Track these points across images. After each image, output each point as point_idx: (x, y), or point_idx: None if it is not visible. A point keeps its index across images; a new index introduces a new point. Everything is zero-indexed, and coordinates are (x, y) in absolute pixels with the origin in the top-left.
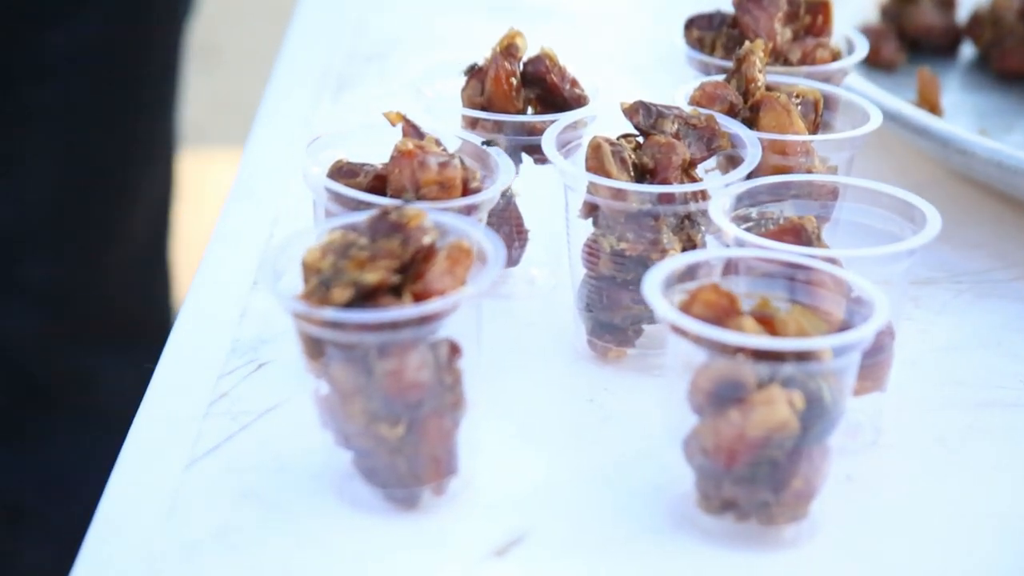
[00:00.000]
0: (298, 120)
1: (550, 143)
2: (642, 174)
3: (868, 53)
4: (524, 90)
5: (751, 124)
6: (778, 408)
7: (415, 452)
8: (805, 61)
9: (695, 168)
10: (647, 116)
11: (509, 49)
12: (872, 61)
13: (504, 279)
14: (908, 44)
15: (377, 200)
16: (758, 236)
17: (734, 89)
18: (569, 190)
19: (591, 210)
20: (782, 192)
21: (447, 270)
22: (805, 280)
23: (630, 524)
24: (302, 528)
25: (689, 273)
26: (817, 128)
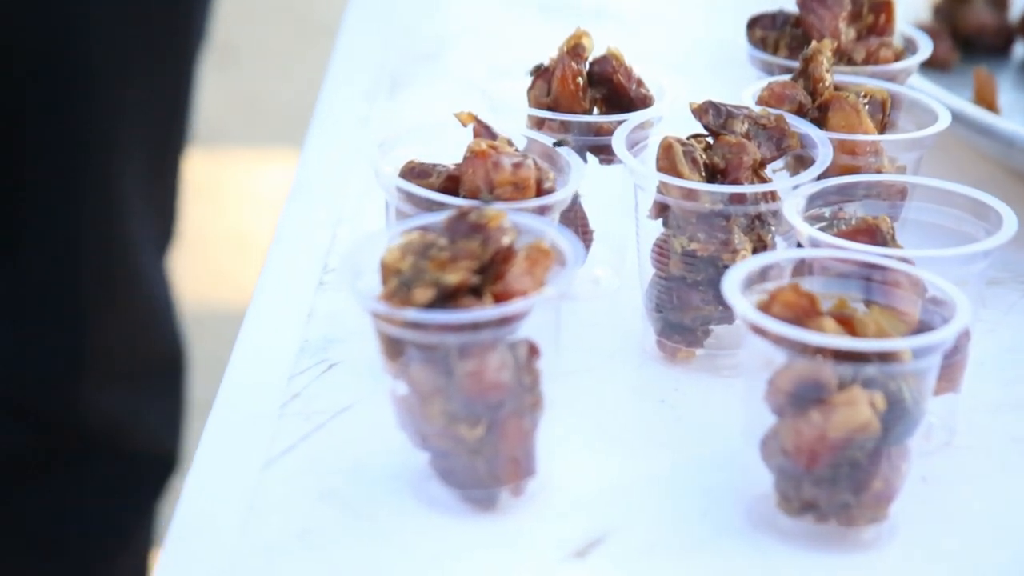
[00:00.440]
0: (354, 120)
1: (620, 143)
2: (713, 174)
3: None
4: (590, 90)
5: (819, 124)
6: (860, 409)
7: (494, 453)
8: (869, 61)
9: (764, 168)
10: (716, 116)
11: (576, 49)
12: (925, 61)
13: None
14: (961, 43)
15: (451, 200)
16: (832, 236)
17: (802, 89)
18: (639, 190)
19: (661, 210)
20: (852, 192)
21: (526, 271)
22: (881, 280)
23: (709, 525)
24: (382, 529)
25: (765, 274)
26: (885, 128)
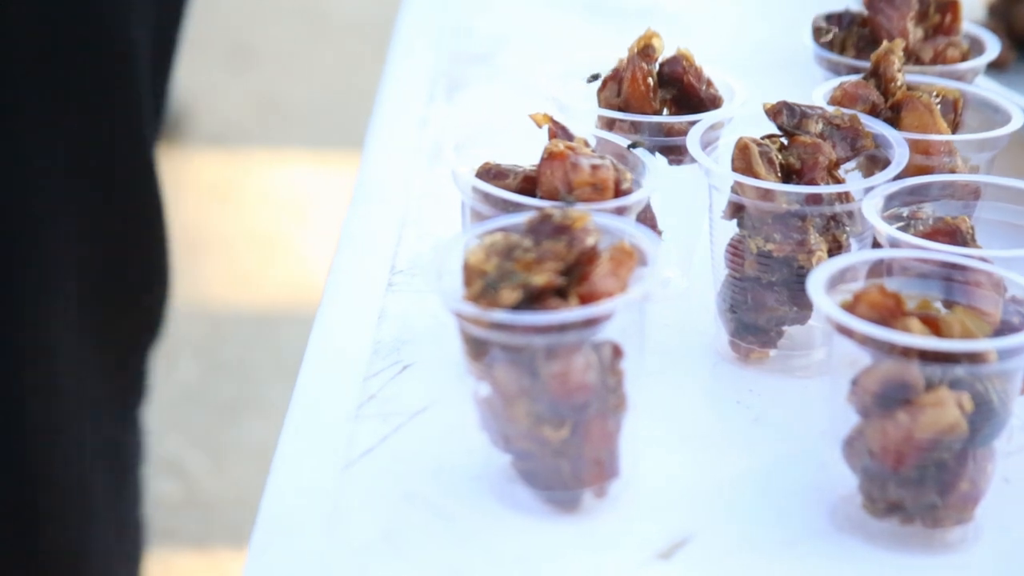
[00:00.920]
0: (413, 123)
1: (695, 144)
2: (788, 175)
3: None
4: (660, 91)
5: (892, 124)
6: (948, 410)
7: (578, 454)
8: (936, 60)
9: (838, 168)
10: (791, 116)
11: (646, 50)
12: None
13: None
14: (1016, 43)
15: (530, 202)
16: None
17: (874, 89)
18: (714, 191)
19: (736, 211)
20: (926, 192)
21: (611, 271)
22: (962, 280)
23: (792, 526)
24: (466, 530)
25: (846, 274)
26: (956, 128)
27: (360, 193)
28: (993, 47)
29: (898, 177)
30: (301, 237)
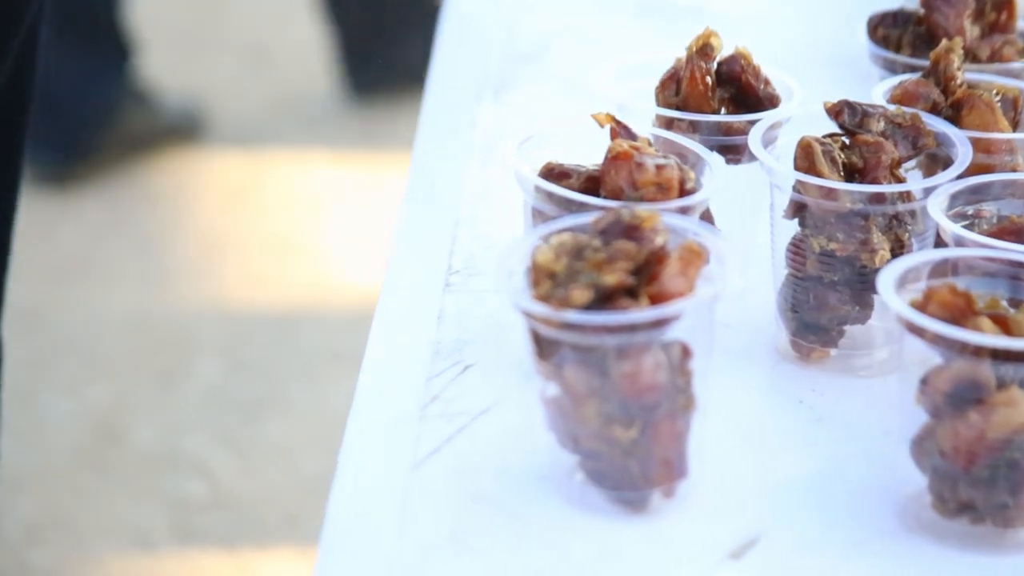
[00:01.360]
0: (462, 123)
1: (757, 143)
2: (851, 174)
3: None
4: (718, 90)
5: (953, 122)
6: (1020, 410)
7: (647, 454)
8: (993, 58)
9: (899, 167)
10: (852, 115)
11: (704, 49)
12: None
13: None
14: None
15: (596, 202)
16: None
17: (934, 87)
18: (775, 189)
19: (798, 210)
20: (988, 191)
21: (680, 271)
22: None
23: (861, 526)
24: (534, 530)
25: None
26: (1016, 126)
27: (412, 193)
28: None
29: (959, 176)
30: (320, 237)
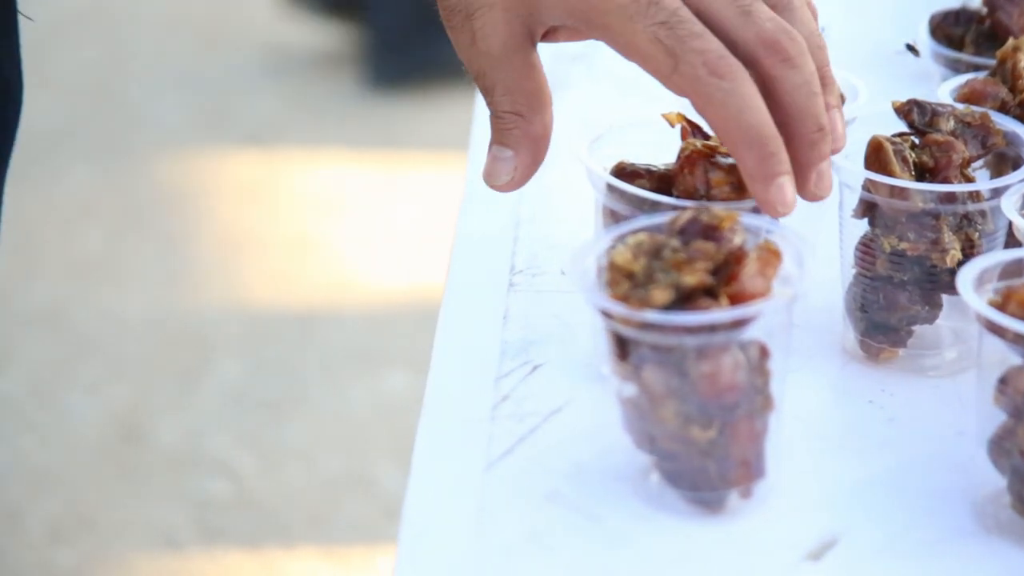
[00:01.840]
0: None
1: None
2: (921, 173)
3: None
4: None
5: (1021, 121)
6: None
7: (725, 455)
8: None
9: (968, 167)
10: (921, 115)
11: None
12: None
13: None
14: None
15: (670, 201)
16: None
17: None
18: (845, 188)
19: (867, 209)
20: None
21: (758, 271)
22: None
23: (938, 527)
24: (612, 531)
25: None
26: None
27: (470, 192)
28: None
29: None
30: (338, 236)
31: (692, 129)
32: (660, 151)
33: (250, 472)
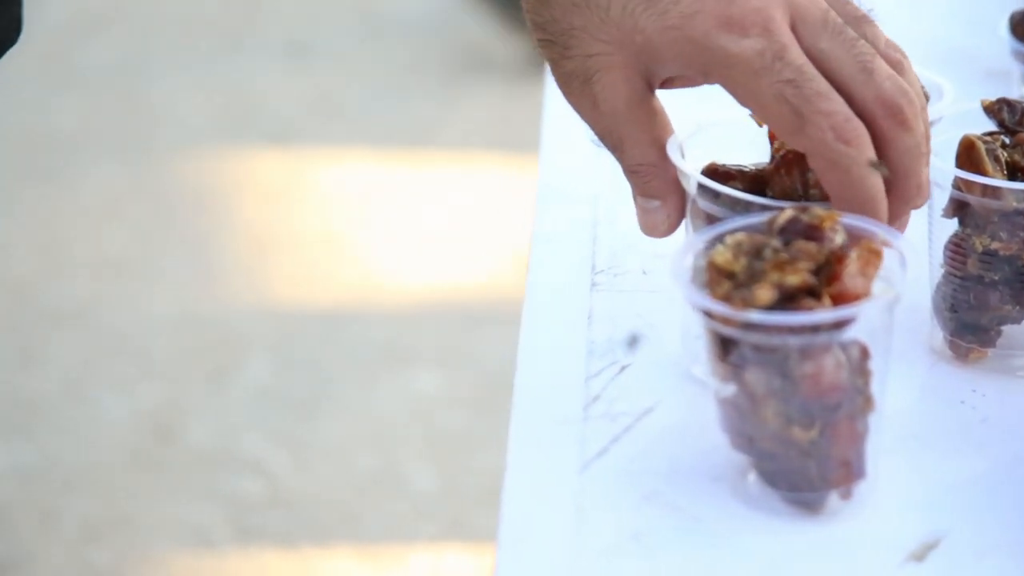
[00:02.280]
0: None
1: None
2: (1013, 172)
3: None
4: None
5: None
6: None
7: (825, 455)
8: None
9: None
10: (1011, 113)
11: None
12: None
13: None
14: None
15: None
16: None
17: None
18: (935, 187)
19: (958, 208)
20: None
21: (859, 271)
22: None
23: None
24: (713, 532)
25: None
26: None
27: (543, 192)
28: None
29: None
30: (363, 235)
31: None
32: (748, 152)
33: (283, 471)
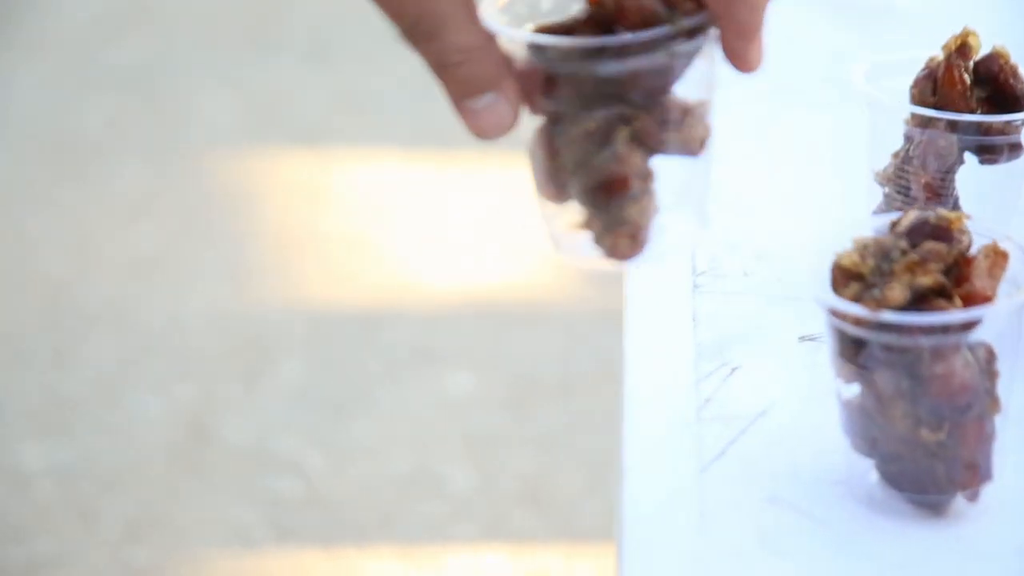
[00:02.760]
0: None
1: None
2: None
3: None
4: (975, 89)
5: None
6: None
7: (952, 457)
8: None
9: None
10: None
11: (962, 48)
12: None
13: None
14: None
15: (626, 40)
16: None
17: None
18: None
19: None
20: None
21: (987, 272)
22: None
23: None
24: (840, 534)
25: None
26: None
27: None
28: None
29: None
30: (391, 235)
31: None
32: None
33: (319, 471)
